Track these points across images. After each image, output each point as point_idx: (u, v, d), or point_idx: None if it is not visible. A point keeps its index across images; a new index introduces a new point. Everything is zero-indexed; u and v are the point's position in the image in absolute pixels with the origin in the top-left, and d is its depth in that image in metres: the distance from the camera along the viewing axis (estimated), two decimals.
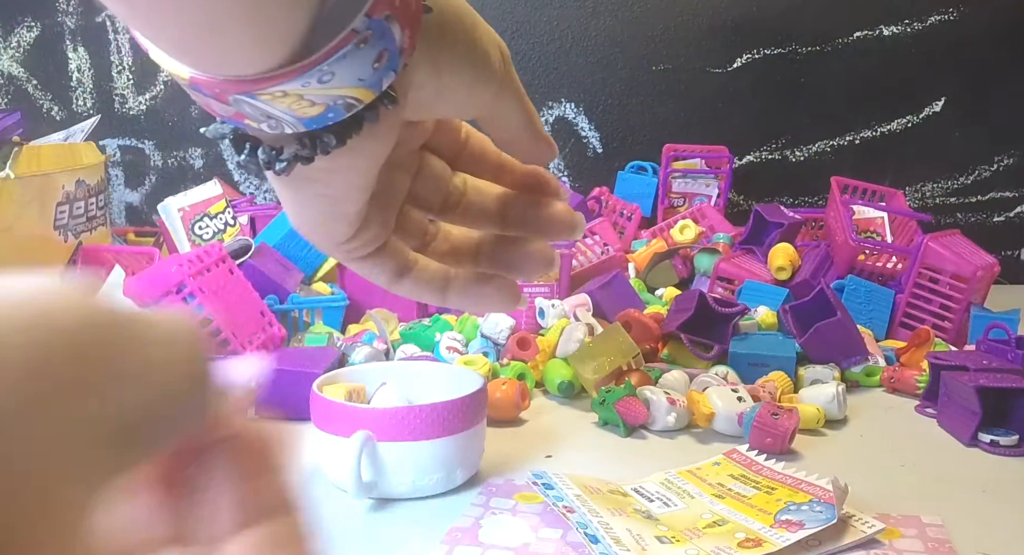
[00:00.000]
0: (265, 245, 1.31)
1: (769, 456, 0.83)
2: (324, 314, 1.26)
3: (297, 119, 0.26)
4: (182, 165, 2.08)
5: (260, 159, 0.27)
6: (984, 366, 0.99)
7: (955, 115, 1.86)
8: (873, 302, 1.31)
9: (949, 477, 0.86)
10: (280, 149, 0.27)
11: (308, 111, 0.25)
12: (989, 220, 1.88)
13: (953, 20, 1.84)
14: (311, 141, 0.27)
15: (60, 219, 1.25)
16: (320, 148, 0.27)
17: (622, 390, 0.98)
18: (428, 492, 0.80)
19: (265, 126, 0.26)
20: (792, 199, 1.92)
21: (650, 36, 1.92)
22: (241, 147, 0.28)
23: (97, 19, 2.05)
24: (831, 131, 1.90)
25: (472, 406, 0.80)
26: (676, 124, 1.92)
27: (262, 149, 0.27)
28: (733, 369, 1.09)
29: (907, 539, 0.71)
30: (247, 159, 0.27)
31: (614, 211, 1.70)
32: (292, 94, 0.25)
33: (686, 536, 0.70)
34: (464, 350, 1.14)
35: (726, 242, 1.52)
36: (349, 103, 0.26)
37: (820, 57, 1.88)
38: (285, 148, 0.27)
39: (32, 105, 2.06)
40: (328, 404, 0.80)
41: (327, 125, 0.26)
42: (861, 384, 1.13)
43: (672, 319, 1.17)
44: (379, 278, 0.34)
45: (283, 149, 0.27)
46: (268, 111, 0.25)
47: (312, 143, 0.27)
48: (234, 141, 0.28)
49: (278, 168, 0.27)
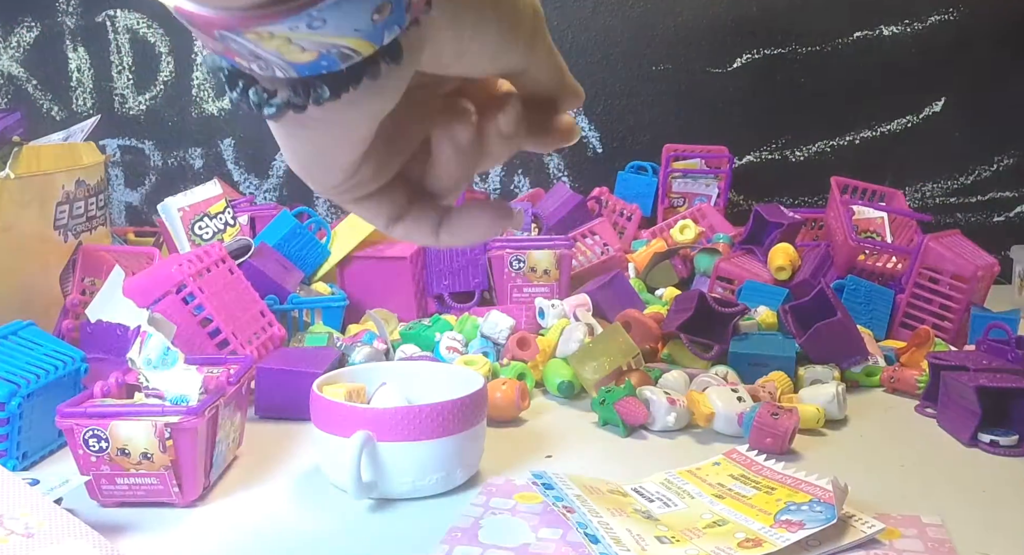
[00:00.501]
0: (265, 245, 1.31)
1: (769, 456, 0.83)
2: (324, 314, 1.26)
3: (287, 64, 0.24)
4: (182, 165, 2.08)
5: (251, 100, 0.26)
6: (984, 366, 0.99)
7: (955, 115, 1.86)
8: (873, 302, 1.31)
9: (949, 477, 0.86)
10: (274, 92, 0.26)
11: (299, 57, 0.24)
12: (989, 220, 1.88)
13: (953, 20, 1.84)
14: (304, 89, 0.25)
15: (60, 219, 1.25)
16: (313, 98, 0.25)
17: (622, 390, 0.98)
18: (428, 492, 0.80)
19: (255, 66, 0.25)
20: (792, 199, 1.92)
21: (650, 36, 1.92)
22: (234, 84, 0.26)
23: (97, 19, 2.05)
24: (831, 131, 1.90)
25: (472, 406, 0.80)
26: (676, 124, 1.92)
27: (254, 89, 0.26)
28: (733, 369, 1.09)
29: (907, 539, 0.71)
30: (239, 98, 0.26)
31: (614, 211, 1.70)
32: (279, 36, 0.23)
33: (686, 536, 0.70)
34: (464, 350, 1.14)
35: (726, 242, 1.51)
36: (344, 53, 0.24)
37: (820, 57, 1.88)
38: (279, 92, 0.26)
39: (32, 105, 2.06)
40: (328, 404, 0.80)
41: (321, 74, 0.25)
42: (861, 384, 1.13)
43: (672, 319, 1.17)
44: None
45: (276, 92, 0.26)
46: (255, 51, 0.24)
47: (305, 91, 0.25)
48: (228, 76, 0.26)
49: (267, 112, 0.26)
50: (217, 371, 0.85)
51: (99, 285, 1.21)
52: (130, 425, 0.75)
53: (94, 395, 0.81)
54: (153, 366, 0.79)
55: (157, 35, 2.04)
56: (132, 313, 1.05)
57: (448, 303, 1.39)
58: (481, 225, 0.33)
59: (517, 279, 1.37)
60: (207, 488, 0.81)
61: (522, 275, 1.37)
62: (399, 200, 0.33)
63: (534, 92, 0.32)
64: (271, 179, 2.06)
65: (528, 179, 1.99)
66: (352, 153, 0.29)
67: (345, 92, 0.25)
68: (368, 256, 1.38)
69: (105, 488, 0.77)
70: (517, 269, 1.36)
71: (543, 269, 1.36)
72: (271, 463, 0.89)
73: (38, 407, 0.87)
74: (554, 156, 1.98)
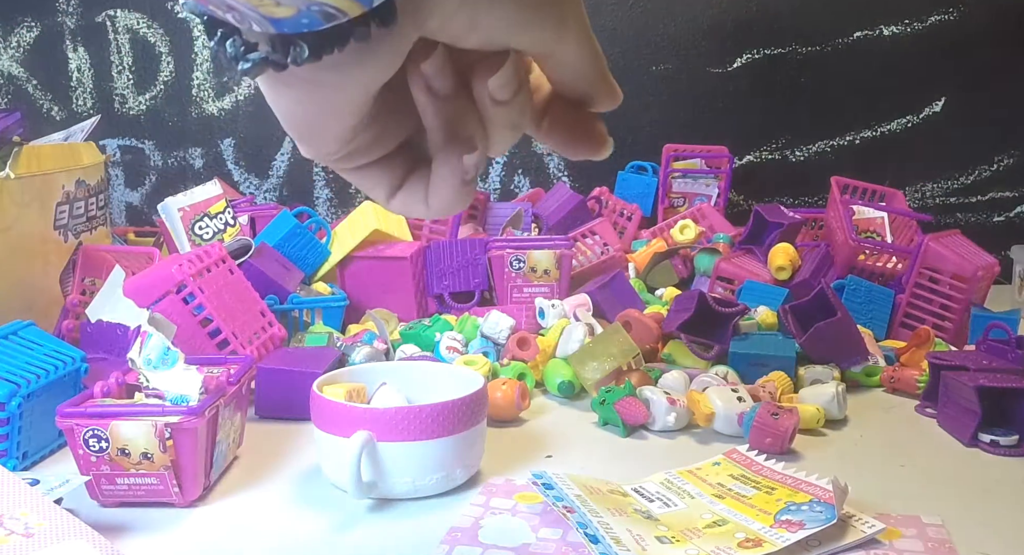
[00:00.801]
0: (265, 245, 1.31)
1: (769, 456, 0.83)
2: (324, 314, 1.26)
3: (263, 18, 0.23)
4: (182, 165, 2.08)
5: (227, 52, 0.24)
6: (984, 366, 0.99)
7: (955, 115, 1.86)
8: (873, 302, 1.31)
9: (949, 477, 0.86)
10: (254, 46, 0.24)
11: (274, 11, 0.22)
12: (989, 220, 1.88)
13: (953, 20, 1.84)
14: (283, 47, 0.24)
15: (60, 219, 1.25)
16: (292, 57, 0.24)
17: (622, 390, 0.98)
18: (428, 492, 0.80)
19: (230, 17, 0.23)
20: (792, 199, 1.92)
21: (650, 36, 1.92)
22: (212, 33, 0.25)
23: (97, 19, 2.05)
24: (831, 131, 1.90)
25: (472, 406, 0.80)
26: (676, 124, 1.92)
27: (232, 41, 0.24)
28: (733, 369, 1.09)
29: (907, 539, 0.71)
30: (216, 48, 0.25)
31: (614, 211, 1.70)
32: None
33: (686, 536, 0.70)
34: (464, 350, 1.14)
35: (726, 242, 1.51)
36: (328, 12, 0.23)
37: (820, 57, 1.88)
38: (260, 46, 0.24)
39: (32, 105, 2.06)
40: (328, 404, 0.80)
41: (302, 32, 0.23)
42: (861, 384, 1.13)
43: (672, 319, 1.17)
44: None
45: (256, 47, 0.24)
46: (227, 1, 0.22)
47: (284, 49, 0.24)
48: (207, 24, 0.25)
49: (242, 67, 0.24)
50: (217, 371, 0.85)
51: (99, 285, 1.21)
52: (130, 425, 0.75)
53: (94, 395, 0.81)
54: (153, 366, 0.79)
55: (157, 35, 2.04)
56: (132, 313, 1.05)
57: (448, 303, 1.39)
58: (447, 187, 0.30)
59: (517, 279, 1.37)
60: (207, 488, 0.81)
61: (522, 275, 1.37)
62: (400, 171, 0.31)
63: (565, 82, 0.30)
64: (271, 179, 2.06)
65: (528, 179, 1.99)
66: (347, 120, 0.28)
67: (328, 53, 0.24)
68: (368, 256, 1.38)
69: (105, 488, 0.77)
70: (517, 269, 1.37)
71: (543, 269, 1.36)
72: (271, 463, 0.89)
73: (38, 407, 0.87)
74: (554, 156, 1.98)
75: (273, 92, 0.27)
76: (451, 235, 1.52)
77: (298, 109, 0.27)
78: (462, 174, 0.29)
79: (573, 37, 0.29)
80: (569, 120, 0.32)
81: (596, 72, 0.30)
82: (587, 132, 0.32)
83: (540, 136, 0.32)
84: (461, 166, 0.29)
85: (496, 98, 0.28)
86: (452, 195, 0.30)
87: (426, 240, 1.51)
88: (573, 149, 0.32)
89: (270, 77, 0.26)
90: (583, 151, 0.32)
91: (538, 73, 0.31)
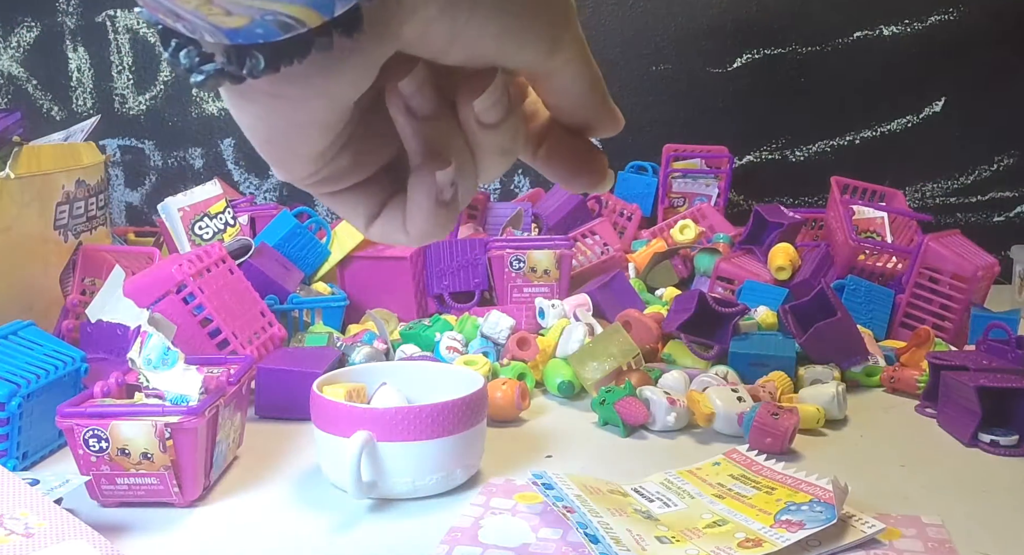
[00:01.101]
0: (265, 245, 1.31)
1: (769, 456, 0.83)
2: (324, 314, 1.26)
3: (214, 28, 0.21)
4: (182, 165, 2.08)
5: (181, 63, 0.23)
6: (984, 366, 0.99)
7: (955, 115, 1.86)
8: (873, 302, 1.31)
9: (949, 477, 0.86)
10: (210, 57, 0.22)
11: (225, 21, 0.21)
12: (989, 220, 1.88)
13: (953, 20, 1.84)
14: (238, 58, 0.22)
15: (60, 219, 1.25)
16: (247, 69, 0.22)
17: (622, 390, 0.98)
18: (428, 492, 0.80)
19: (180, 27, 0.22)
20: (792, 199, 1.92)
21: (650, 36, 1.92)
22: (167, 43, 0.23)
23: (97, 19, 2.05)
24: (831, 131, 1.90)
25: (472, 406, 0.80)
26: (676, 124, 1.92)
27: (186, 51, 0.22)
28: (733, 369, 1.09)
29: (907, 539, 0.71)
30: (171, 59, 0.23)
31: (614, 211, 1.70)
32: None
33: (686, 536, 0.70)
34: (464, 350, 1.14)
35: (726, 242, 1.51)
36: (284, 22, 0.21)
37: (820, 57, 1.88)
38: (216, 57, 0.22)
39: (32, 105, 2.06)
40: (328, 404, 0.80)
41: (257, 43, 0.22)
42: (861, 384, 1.13)
43: (672, 319, 1.17)
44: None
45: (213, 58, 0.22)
46: (174, 9, 0.21)
47: (239, 60, 0.22)
48: (161, 34, 0.23)
49: (194, 79, 0.22)
50: (217, 371, 0.85)
51: (99, 285, 1.21)
52: (130, 425, 0.75)
53: (94, 395, 0.81)
54: (153, 366, 0.79)
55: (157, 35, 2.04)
56: (132, 313, 1.05)
57: (448, 303, 1.39)
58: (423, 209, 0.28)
59: (517, 279, 1.37)
60: (207, 488, 0.81)
61: (522, 275, 1.37)
62: (381, 197, 0.29)
63: (562, 106, 0.29)
64: (271, 179, 2.06)
65: (528, 179, 1.99)
66: (317, 140, 0.26)
67: (286, 65, 0.22)
68: (368, 256, 1.38)
69: (105, 488, 0.77)
70: (517, 269, 1.36)
71: (543, 269, 1.36)
72: (271, 463, 0.89)
73: (38, 407, 0.87)
74: None
75: (236, 108, 0.25)
76: (451, 235, 1.52)
77: (261, 125, 0.26)
78: (437, 194, 0.27)
79: (568, 56, 0.27)
80: (567, 149, 0.30)
81: (595, 95, 0.28)
82: (586, 163, 0.30)
83: (537, 164, 0.30)
84: (435, 185, 0.27)
85: (483, 121, 0.27)
86: (428, 218, 0.28)
87: None
88: (571, 180, 0.30)
89: (231, 91, 0.24)
90: (581, 183, 0.30)
91: (535, 97, 0.30)
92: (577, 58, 0.27)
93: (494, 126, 0.27)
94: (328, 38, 0.22)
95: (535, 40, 0.26)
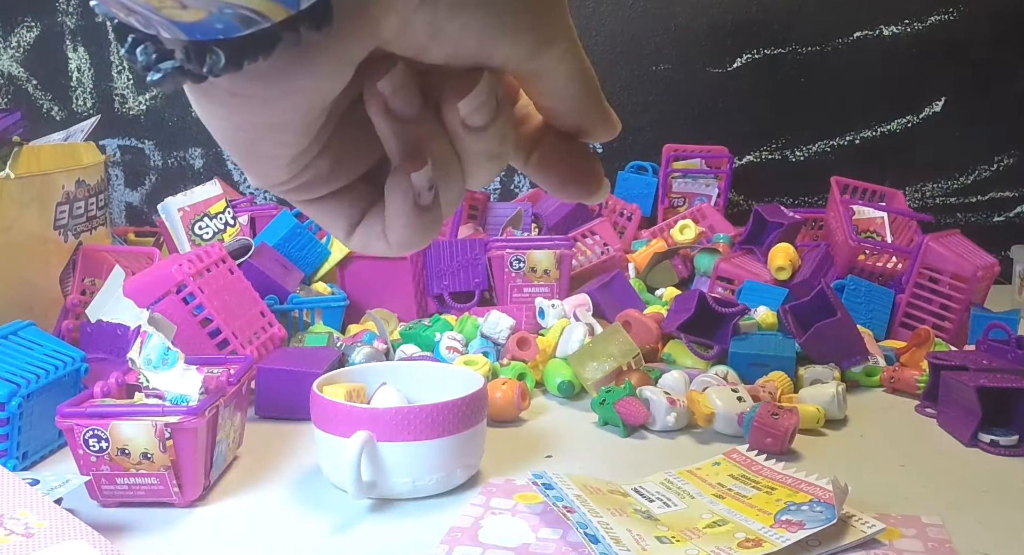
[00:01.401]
0: (265, 245, 1.31)
1: (769, 456, 0.83)
2: (324, 314, 1.26)
3: (170, 22, 0.20)
4: (182, 165, 2.08)
5: (138, 60, 0.21)
6: (984, 366, 0.99)
7: (955, 115, 1.86)
8: (873, 302, 1.31)
9: (949, 477, 0.86)
10: (169, 54, 0.21)
11: (181, 14, 0.20)
12: (989, 220, 1.88)
13: (953, 20, 1.84)
14: (197, 55, 0.21)
15: (60, 219, 1.25)
16: (207, 67, 0.21)
17: (622, 390, 0.98)
18: (428, 492, 0.80)
19: (134, 21, 0.21)
20: (792, 199, 1.92)
21: (650, 36, 1.92)
22: (123, 39, 0.21)
23: (97, 19, 2.05)
24: (831, 131, 1.90)
25: (472, 406, 0.80)
26: (676, 124, 1.92)
27: (143, 48, 0.21)
28: (733, 369, 1.09)
29: (907, 539, 0.71)
30: (127, 55, 0.21)
31: (614, 211, 1.70)
32: None
33: (686, 536, 0.70)
34: (464, 350, 1.14)
35: (726, 242, 1.51)
36: (245, 16, 0.20)
37: (820, 57, 1.88)
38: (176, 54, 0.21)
39: (32, 105, 2.06)
40: (328, 404, 0.80)
41: (217, 38, 0.20)
42: (861, 384, 1.13)
43: (672, 319, 1.17)
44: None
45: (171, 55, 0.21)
46: (126, 3, 0.20)
47: (199, 57, 0.21)
48: (117, 29, 0.22)
49: (151, 78, 0.21)
50: (217, 371, 0.85)
51: (99, 285, 1.21)
52: (130, 425, 0.75)
53: (94, 395, 0.81)
54: (153, 366, 0.79)
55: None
56: (132, 313, 1.05)
57: (448, 303, 1.39)
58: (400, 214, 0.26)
59: (517, 279, 1.37)
60: (207, 488, 0.81)
61: (522, 275, 1.37)
62: (363, 205, 0.27)
63: (554, 109, 0.27)
64: None
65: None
66: (290, 143, 0.24)
67: (249, 62, 0.21)
68: (368, 256, 1.38)
69: (105, 488, 0.77)
70: (517, 269, 1.36)
71: (543, 269, 1.36)
72: (271, 463, 0.89)
73: (38, 407, 0.87)
74: None
75: (201, 109, 0.24)
76: (451, 235, 1.52)
77: (228, 127, 0.24)
78: (414, 197, 0.25)
79: (558, 54, 0.25)
80: (561, 155, 0.28)
81: (588, 98, 0.27)
82: (580, 171, 0.29)
83: (528, 171, 0.29)
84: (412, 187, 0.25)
85: (469, 124, 0.25)
86: (407, 224, 0.26)
87: None
88: (564, 189, 0.29)
89: (194, 91, 0.23)
90: (575, 191, 0.29)
91: (527, 101, 0.28)
92: (568, 57, 0.26)
93: (481, 130, 0.26)
94: (295, 33, 0.21)
95: (521, 36, 0.24)
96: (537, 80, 0.26)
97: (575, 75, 0.26)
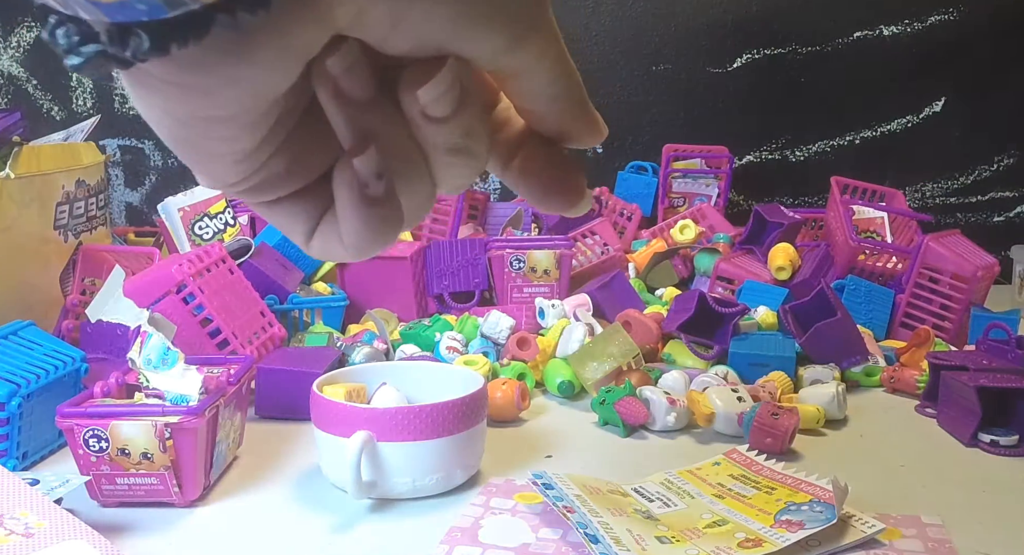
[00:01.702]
0: (265, 245, 1.31)
1: (769, 456, 0.83)
2: (324, 314, 1.26)
3: (88, 2, 0.18)
4: (182, 165, 2.07)
5: (59, 43, 0.19)
6: (984, 366, 0.99)
7: (955, 115, 1.86)
8: (873, 302, 1.31)
9: (949, 477, 0.86)
10: (94, 37, 0.19)
11: None
12: (989, 220, 1.88)
13: (953, 20, 1.84)
14: (121, 38, 0.19)
15: (60, 219, 1.25)
16: (131, 50, 0.19)
17: (622, 390, 0.98)
18: (428, 492, 0.80)
19: (54, 1, 0.19)
20: (792, 199, 1.92)
21: (650, 36, 1.92)
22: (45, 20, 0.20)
23: None
24: (831, 131, 1.90)
25: (472, 406, 0.80)
26: (676, 124, 1.92)
27: (65, 30, 0.19)
28: (733, 369, 1.09)
29: (907, 539, 0.71)
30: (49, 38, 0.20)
31: (614, 211, 1.70)
32: None
33: (686, 536, 0.70)
34: (464, 350, 1.14)
35: (726, 242, 1.51)
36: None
37: (820, 57, 1.88)
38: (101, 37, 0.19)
39: (32, 105, 2.06)
40: (328, 404, 0.80)
41: (140, 20, 0.19)
42: (861, 384, 1.13)
43: (672, 319, 1.17)
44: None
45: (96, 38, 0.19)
46: None
47: (122, 40, 0.19)
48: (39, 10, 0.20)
49: (71, 62, 0.19)
50: (217, 371, 0.85)
51: (99, 285, 1.21)
52: (130, 425, 0.75)
53: (94, 395, 0.81)
54: (153, 366, 0.79)
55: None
56: (132, 313, 1.05)
57: (448, 303, 1.39)
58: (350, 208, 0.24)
59: (517, 279, 1.37)
60: (207, 488, 0.81)
61: (522, 275, 1.37)
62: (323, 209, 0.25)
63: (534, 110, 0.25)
64: None
65: None
66: (242, 140, 0.23)
67: (179, 46, 0.19)
68: None
69: (105, 488, 0.77)
70: (517, 269, 1.36)
71: (543, 269, 1.36)
72: (271, 463, 0.89)
73: (38, 407, 0.87)
74: None
75: (138, 100, 0.22)
76: (451, 235, 1.52)
77: (169, 121, 0.22)
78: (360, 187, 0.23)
79: (536, 53, 0.23)
80: (541, 163, 0.26)
81: (570, 99, 0.25)
82: (562, 181, 0.27)
83: (508, 179, 0.27)
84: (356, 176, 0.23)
85: (429, 114, 0.23)
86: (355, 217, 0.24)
87: (426, 240, 1.51)
88: (543, 199, 0.27)
89: (127, 80, 0.21)
90: (556, 203, 0.27)
91: (509, 104, 0.27)
92: (548, 56, 0.24)
93: (442, 121, 0.23)
94: (230, 16, 0.19)
95: (496, 28, 0.22)
96: (516, 80, 0.24)
97: (556, 76, 0.24)
